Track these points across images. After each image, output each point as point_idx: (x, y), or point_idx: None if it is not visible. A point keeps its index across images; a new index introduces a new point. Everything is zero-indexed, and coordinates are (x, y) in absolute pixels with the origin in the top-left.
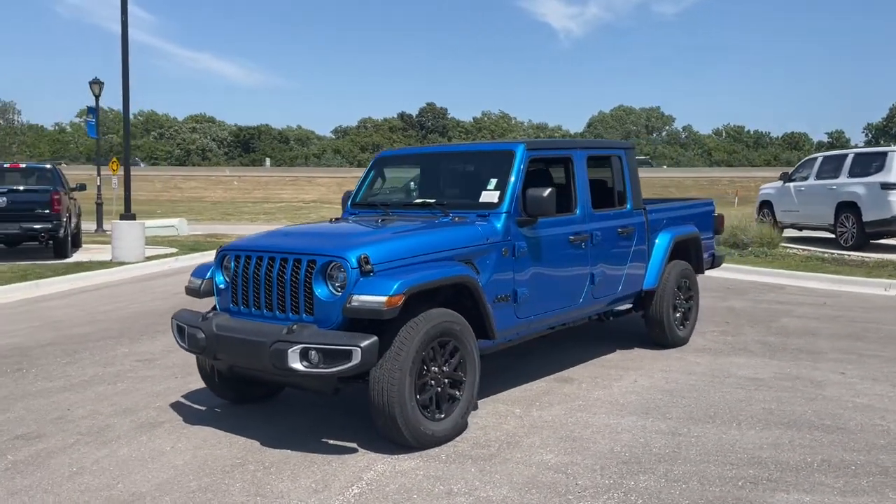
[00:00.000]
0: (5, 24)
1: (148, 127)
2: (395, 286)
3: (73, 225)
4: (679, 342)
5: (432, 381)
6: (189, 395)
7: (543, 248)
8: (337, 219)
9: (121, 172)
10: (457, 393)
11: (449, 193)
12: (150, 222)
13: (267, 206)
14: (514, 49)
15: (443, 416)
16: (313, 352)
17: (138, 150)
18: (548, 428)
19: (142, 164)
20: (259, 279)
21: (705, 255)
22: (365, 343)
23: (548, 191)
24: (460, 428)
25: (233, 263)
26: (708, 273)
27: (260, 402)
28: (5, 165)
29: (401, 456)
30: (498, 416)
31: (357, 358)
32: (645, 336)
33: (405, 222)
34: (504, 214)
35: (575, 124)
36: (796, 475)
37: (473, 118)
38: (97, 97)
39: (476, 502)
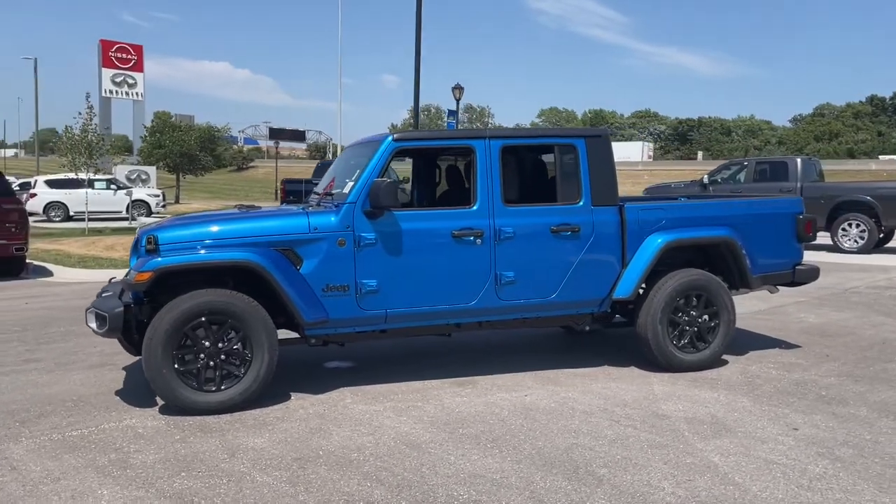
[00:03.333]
0: (492, 37)
1: (595, 123)
2: (147, 265)
3: None
4: (679, 366)
5: (202, 355)
6: None
7: (405, 242)
8: (242, 205)
9: None
10: (238, 371)
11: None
12: None
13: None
14: None
15: (214, 388)
16: (99, 316)
17: None
18: (320, 420)
19: None
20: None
21: (779, 266)
22: (112, 312)
23: (385, 182)
24: (234, 403)
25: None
26: None
27: None
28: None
29: (162, 417)
30: (321, 403)
31: (107, 323)
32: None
33: (266, 209)
34: (346, 205)
35: None
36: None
37: None
38: (458, 101)
39: (117, 460)
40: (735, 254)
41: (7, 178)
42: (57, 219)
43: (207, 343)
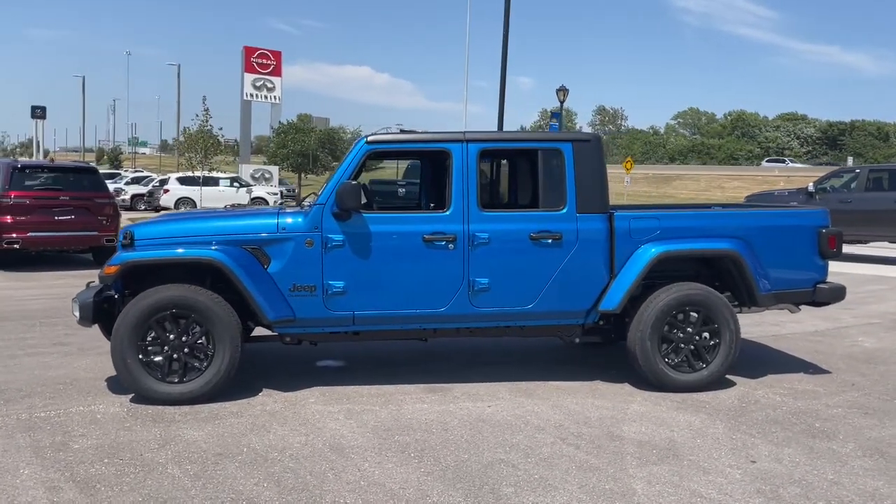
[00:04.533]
0: (630, 37)
1: (736, 126)
2: (115, 259)
3: None
4: (671, 385)
5: (165, 347)
6: None
7: (373, 244)
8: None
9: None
10: (200, 365)
11: None
12: None
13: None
14: None
15: (177, 380)
16: (79, 305)
17: (719, 151)
18: (269, 417)
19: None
20: None
21: (796, 284)
22: (83, 302)
23: (350, 185)
24: (194, 395)
25: None
26: None
27: None
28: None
29: (129, 404)
30: (283, 401)
31: (79, 314)
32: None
33: (245, 209)
34: (315, 207)
35: None
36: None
37: None
38: (562, 103)
39: (59, 443)
40: (740, 268)
41: (151, 174)
42: None
43: (171, 336)
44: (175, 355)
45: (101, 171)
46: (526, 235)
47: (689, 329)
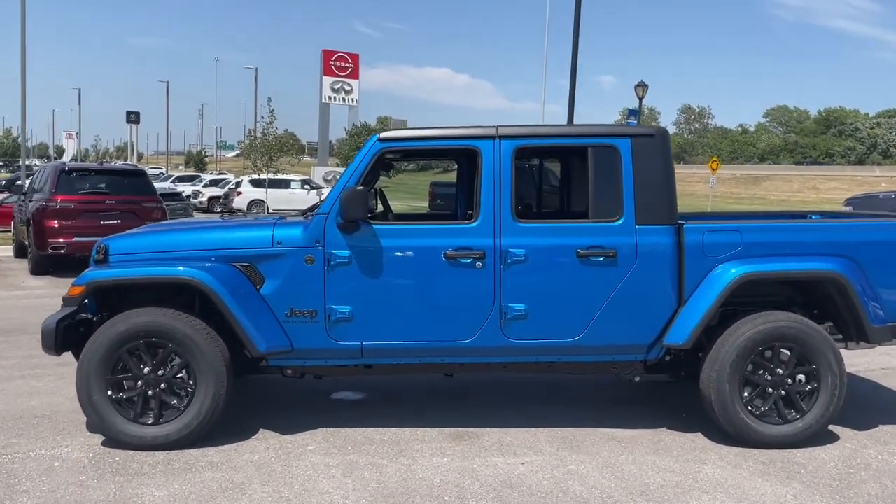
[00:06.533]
0: (720, 32)
1: (830, 123)
2: (81, 278)
3: None
4: (755, 440)
5: (138, 383)
6: None
7: (385, 262)
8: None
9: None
10: (174, 402)
11: None
12: None
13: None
14: None
15: (151, 421)
16: (42, 332)
17: (814, 149)
18: (254, 470)
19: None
20: None
21: None
22: (44, 328)
23: (356, 191)
24: (171, 440)
25: None
26: None
27: None
28: None
29: (97, 448)
30: (276, 448)
31: (41, 342)
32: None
33: (240, 220)
34: (317, 217)
35: None
36: None
37: None
38: (640, 99)
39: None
40: (846, 294)
41: (230, 176)
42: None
43: (146, 369)
44: (150, 392)
45: (182, 174)
46: (572, 252)
47: (778, 370)
